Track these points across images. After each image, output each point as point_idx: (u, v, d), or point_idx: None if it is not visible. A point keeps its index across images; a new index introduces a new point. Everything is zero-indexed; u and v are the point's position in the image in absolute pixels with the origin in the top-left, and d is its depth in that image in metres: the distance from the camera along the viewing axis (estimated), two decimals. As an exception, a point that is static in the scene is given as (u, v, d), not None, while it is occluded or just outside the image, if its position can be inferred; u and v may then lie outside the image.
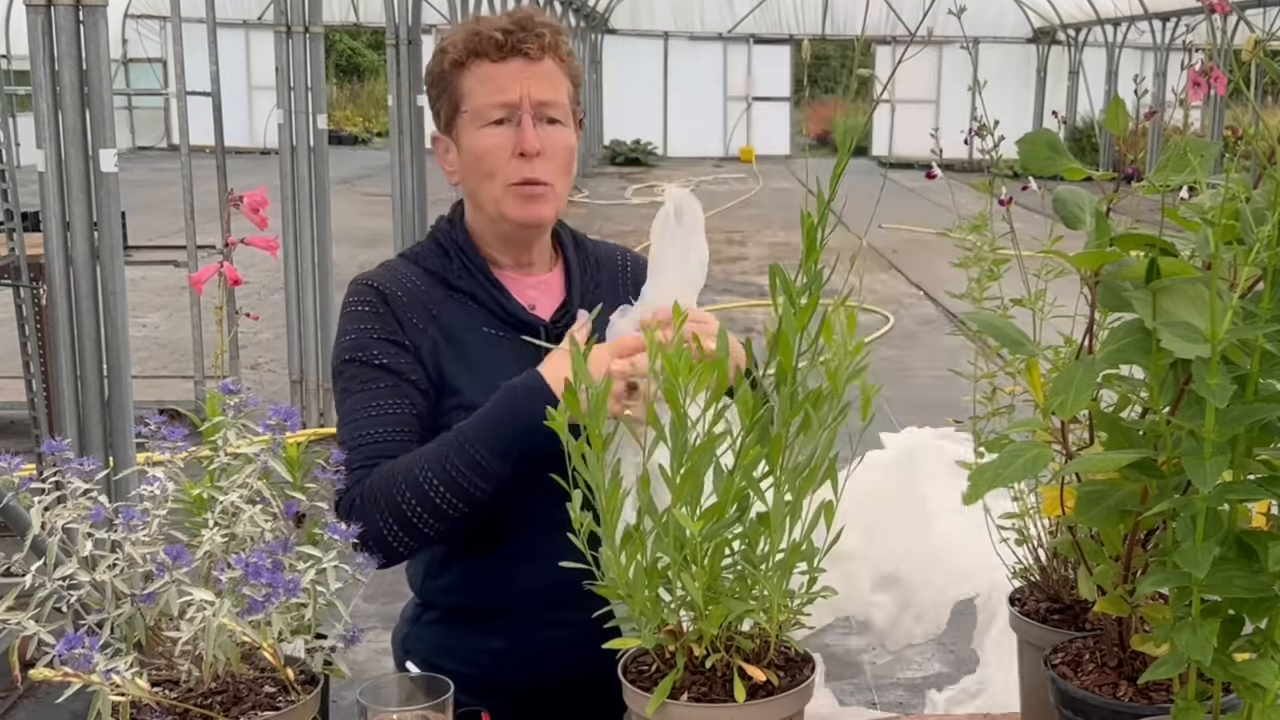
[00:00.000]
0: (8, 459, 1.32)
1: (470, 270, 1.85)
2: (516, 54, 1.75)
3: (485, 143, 1.77)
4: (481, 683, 1.81)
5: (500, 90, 1.75)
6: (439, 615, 1.90)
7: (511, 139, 1.76)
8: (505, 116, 1.76)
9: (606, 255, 2.02)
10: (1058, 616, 1.54)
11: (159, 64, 21.13)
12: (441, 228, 1.91)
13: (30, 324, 4.17)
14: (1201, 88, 1.09)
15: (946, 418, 1.94)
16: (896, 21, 22.70)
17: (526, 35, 1.75)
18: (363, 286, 1.84)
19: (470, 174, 1.82)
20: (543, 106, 1.77)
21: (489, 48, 1.75)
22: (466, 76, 1.77)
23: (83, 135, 3.63)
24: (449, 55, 1.79)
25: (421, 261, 1.87)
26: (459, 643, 1.85)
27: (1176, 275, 1.18)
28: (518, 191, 1.79)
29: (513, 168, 1.78)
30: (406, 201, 8.60)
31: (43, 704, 3.81)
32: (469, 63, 1.77)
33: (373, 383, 1.76)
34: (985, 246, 1.72)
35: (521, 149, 1.76)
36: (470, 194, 1.85)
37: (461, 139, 1.80)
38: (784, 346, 1.28)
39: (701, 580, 1.29)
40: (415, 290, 1.83)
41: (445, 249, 1.87)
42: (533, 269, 1.90)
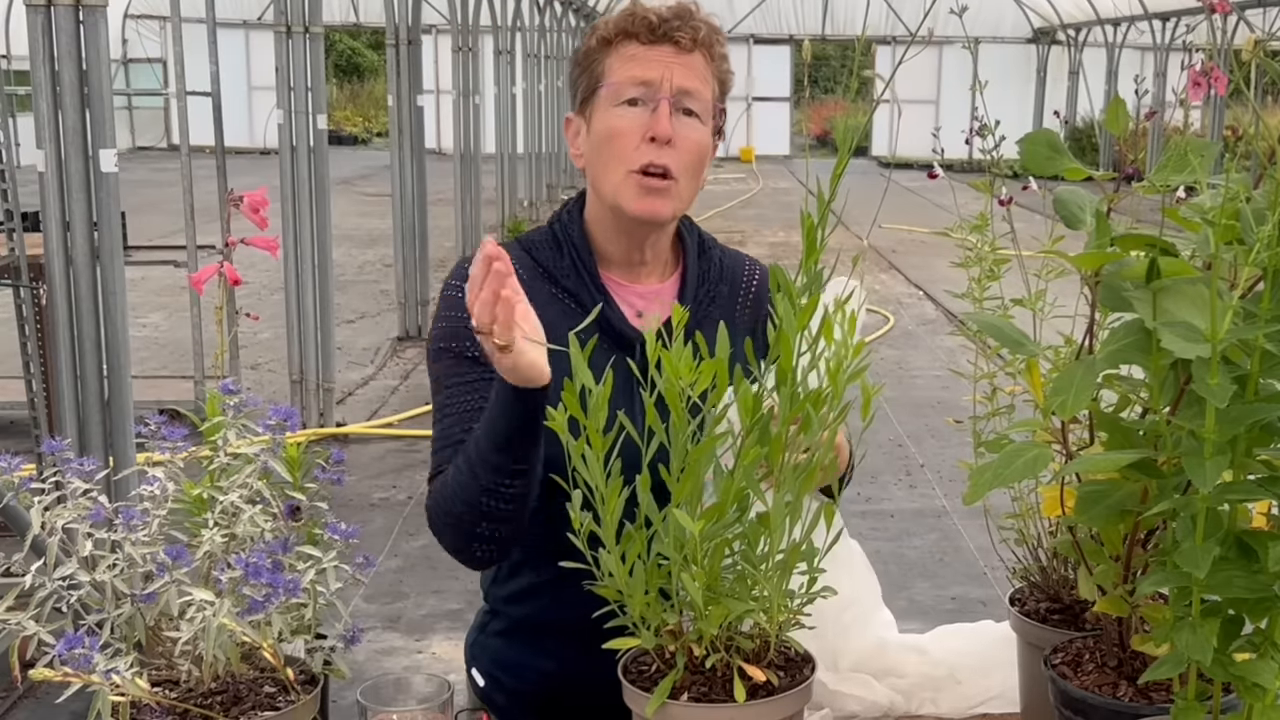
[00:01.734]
0: (8, 459, 1.32)
1: (579, 270, 1.78)
2: (667, 40, 1.69)
3: (617, 122, 1.69)
4: (537, 702, 1.82)
5: (643, 69, 1.69)
6: (503, 626, 1.86)
7: (644, 121, 1.68)
8: (642, 97, 1.69)
9: (732, 265, 1.91)
10: (1058, 616, 1.55)
11: (159, 64, 21.15)
12: (561, 217, 1.83)
13: (30, 324, 4.17)
14: (1201, 88, 1.09)
15: (946, 418, 1.94)
16: (896, 21, 22.70)
17: (682, 24, 1.69)
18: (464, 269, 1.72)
19: (596, 156, 1.73)
20: (683, 94, 1.69)
21: (641, 28, 1.69)
22: (612, 55, 1.71)
23: (83, 135, 3.63)
24: (599, 32, 1.73)
25: (534, 252, 1.80)
26: (517, 658, 1.83)
27: (1177, 275, 1.18)
28: (639, 182, 1.70)
29: (640, 152, 1.69)
30: (406, 201, 8.61)
31: (43, 704, 3.81)
32: (617, 41, 1.71)
33: (464, 375, 1.71)
34: (985, 246, 1.72)
35: (653, 132, 1.67)
36: (593, 180, 1.77)
37: (594, 117, 1.73)
38: (784, 346, 1.28)
39: (701, 580, 1.29)
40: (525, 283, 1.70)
41: (559, 241, 1.80)
42: (645, 272, 1.82)
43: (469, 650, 1.92)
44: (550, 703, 1.81)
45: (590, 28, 1.79)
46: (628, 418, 1.34)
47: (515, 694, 1.84)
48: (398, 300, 9.15)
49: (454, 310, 1.73)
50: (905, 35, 22.19)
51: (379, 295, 10.63)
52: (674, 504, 1.28)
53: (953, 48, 21.36)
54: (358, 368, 8.28)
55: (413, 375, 8.14)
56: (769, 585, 1.32)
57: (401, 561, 5.13)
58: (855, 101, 20.50)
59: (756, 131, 24.96)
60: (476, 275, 1.40)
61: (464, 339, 1.70)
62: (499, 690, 1.85)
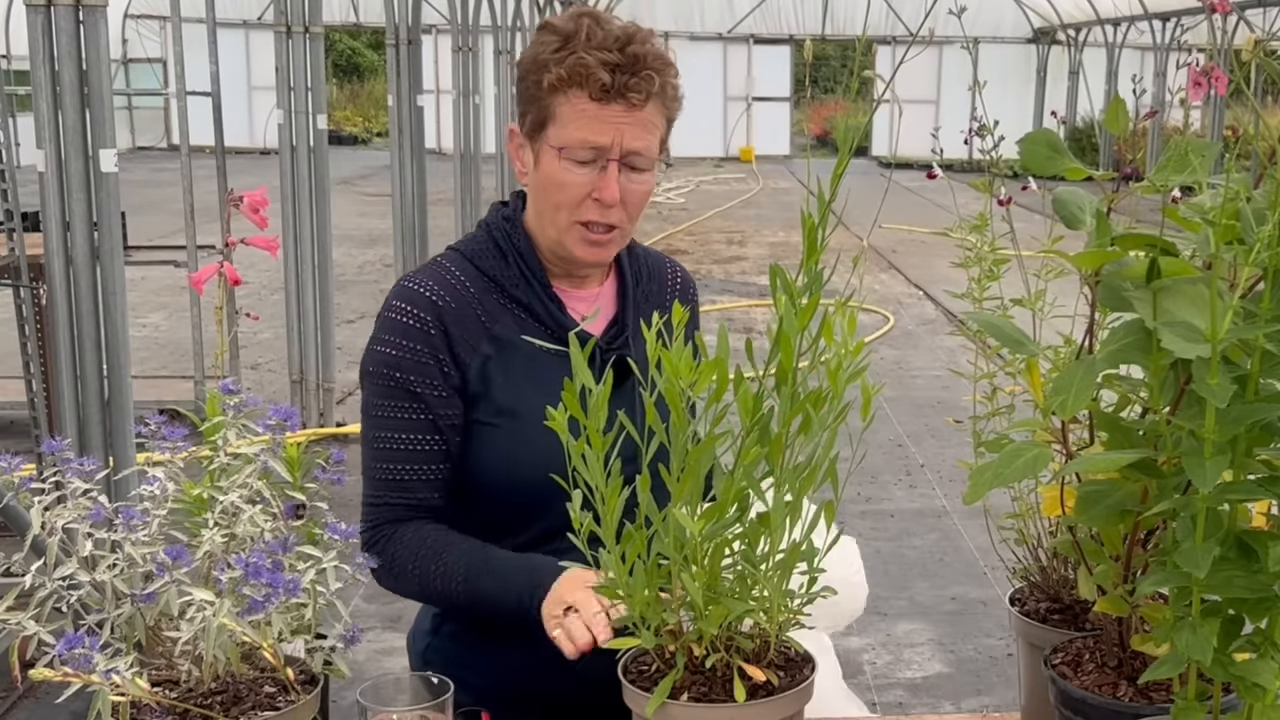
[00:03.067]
0: (8, 459, 1.32)
1: (529, 281, 1.78)
2: (620, 99, 1.67)
3: (565, 178, 1.71)
4: (505, 696, 1.80)
5: (594, 133, 1.68)
6: (459, 628, 1.86)
7: (592, 182, 1.70)
8: (592, 159, 1.70)
9: (656, 265, 1.96)
10: (1058, 616, 1.55)
11: (159, 64, 21.15)
12: (498, 225, 1.82)
13: (30, 324, 4.17)
14: (1201, 88, 1.09)
15: (946, 418, 1.94)
16: (896, 21, 22.71)
17: (634, 80, 1.66)
18: (414, 293, 1.75)
19: (543, 195, 1.75)
20: (632, 155, 1.70)
21: (593, 86, 1.66)
22: (562, 102, 1.69)
23: (83, 135, 3.63)
24: (549, 73, 1.68)
25: (476, 261, 1.79)
26: (482, 656, 1.83)
27: (1177, 275, 1.18)
28: (585, 234, 1.74)
29: (585, 208, 1.72)
30: (406, 201, 8.60)
31: (43, 704, 3.81)
32: (568, 91, 1.68)
33: (403, 411, 1.73)
34: (985, 246, 1.72)
35: (600, 197, 1.70)
36: (537, 211, 1.78)
37: (541, 159, 1.73)
38: (784, 346, 1.28)
39: (701, 580, 1.29)
40: (468, 297, 1.76)
41: (503, 251, 1.79)
42: (587, 283, 1.85)
43: (420, 657, 1.90)
44: (522, 692, 1.80)
45: (539, 50, 1.71)
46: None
47: (482, 691, 1.82)
48: (398, 300, 9.13)
49: (399, 337, 1.73)
50: (905, 35, 22.19)
51: (379, 295, 10.57)
52: (674, 504, 1.28)
53: (953, 48, 21.36)
54: (357, 368, 8.28)
55: (413, 375, 8.12)
56: (769, 585, 1.32)
57: (401, 561, 5.12)
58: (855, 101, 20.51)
59: (756, 131, 24.97)
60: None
61: (409, 371, 1.73)
62: (466, 691, 1.83)
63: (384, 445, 1.74)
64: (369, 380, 1.77)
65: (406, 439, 1.74)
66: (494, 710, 1.82)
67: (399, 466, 1.74)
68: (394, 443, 1.74)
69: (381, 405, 1.75)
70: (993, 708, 2.36)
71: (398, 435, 1.74)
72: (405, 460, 1.74)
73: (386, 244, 10.55)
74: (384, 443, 1.74)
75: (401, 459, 1.74)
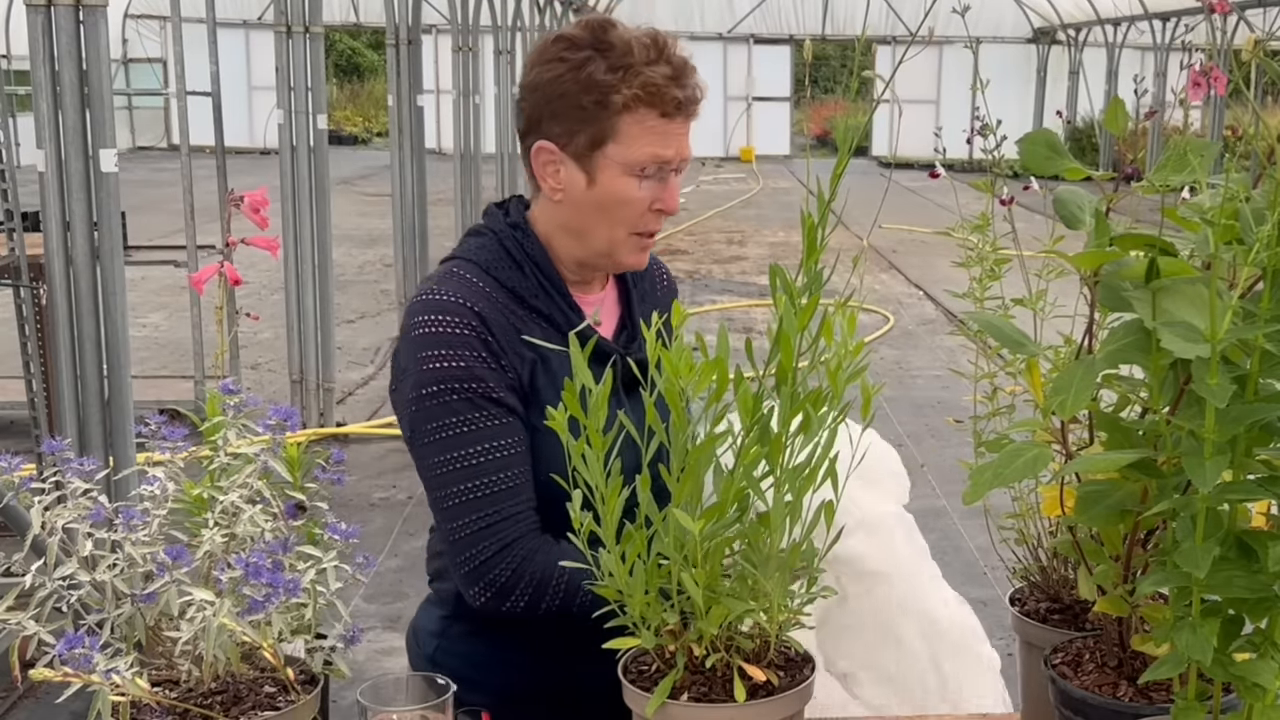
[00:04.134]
0: (8, 459, 1.32)
1: (548, 291, 1.78)
2: (682, 113, 1.72)
3: (632, 193, 1.72)
4: (516, 695, 1.80)
5: (662, 147, 1.71)
6: (471, 628, 1.84)
7: (654, 193, 1.74)
8: (657, 172, 1.73)
9: (648, 263, 1.96)
10: (1058, 616, 1.55)
11: (159, 64, 21.15)
12: (506, 234, 1.80)
13: (30, 324, 4.17)
14: (1201, 88, 1.09)
15: (946, 417, 1.94)
16: (896, 21, 22.71)
17: (693, 93, 1.72)
18: (448, 304, 1.71)
19: (598, 212, 1.75)
20: (685, 162, 1.76)
21: (667, 105, 1.70)
22: (630, 121, 1.69)
23: (83, 135, 3.63)
24: (617, 94, 1.68)
25: (493, 271, 1.77)
26: (492, 655, 1.82)
27: (1176, 275, 1.18)
28: (639, 242, 1.78)
29: (645, 219, 1.76)
30: (406, 201, 8.61)
31: (43, 704, 3.81)
32: (637, 110, 1.69)
33: (493, 419, 1.67)
34: (987, 246, 1.72)
35: (663, 206, 1.75)
36: (580, 227, 1.77)
37: (600, 176, 1.72)
38: (784, 346, 1.28)
39: (701, 580, 1.29)
40: (499, 306, 1.74)
41: (518, 262, 1.78)
42: (592, 286, 1.86)
43: (428, 660, 1.88)
44: (533, 691, 1.80)
45: (587, 67, 1.69)
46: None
47: (493, 690, 1.82)
48: (398, 300, 9.14)
49: (455, 348, 1.68)
50: (905, 35, 22.19)
51: (379, 295, 10.63)
52: (674, 504, 1.28)
53: (953, 48, 21.37)
54: (358, 368, 8.28)
55: (413, 375, 8.12)
56: (769, 585, 1.32)
57: (401, 561, 5.13)
58: (855, 101, 20.50)
59: (756, 131, 24.96)
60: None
61: (486, 380, 1.68)
62: (476, 691, 1.83)
63: (471, 461, 1.66)
64: (428, 401, 1.68)
65: (501, 445, 1.68)
66: (505, 709, 1.82)
67: (503, 475, 1.67)
68: (489, 453, 1.67)
69: (455, 421, 1.67)
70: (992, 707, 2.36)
71: (486, 445, 1.67)
72: (504, 468, 1.67)
73: (386, 244, 10.55)
74: (472, 458, 1.66)
75: (498, 467, 1.67)
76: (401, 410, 1.73)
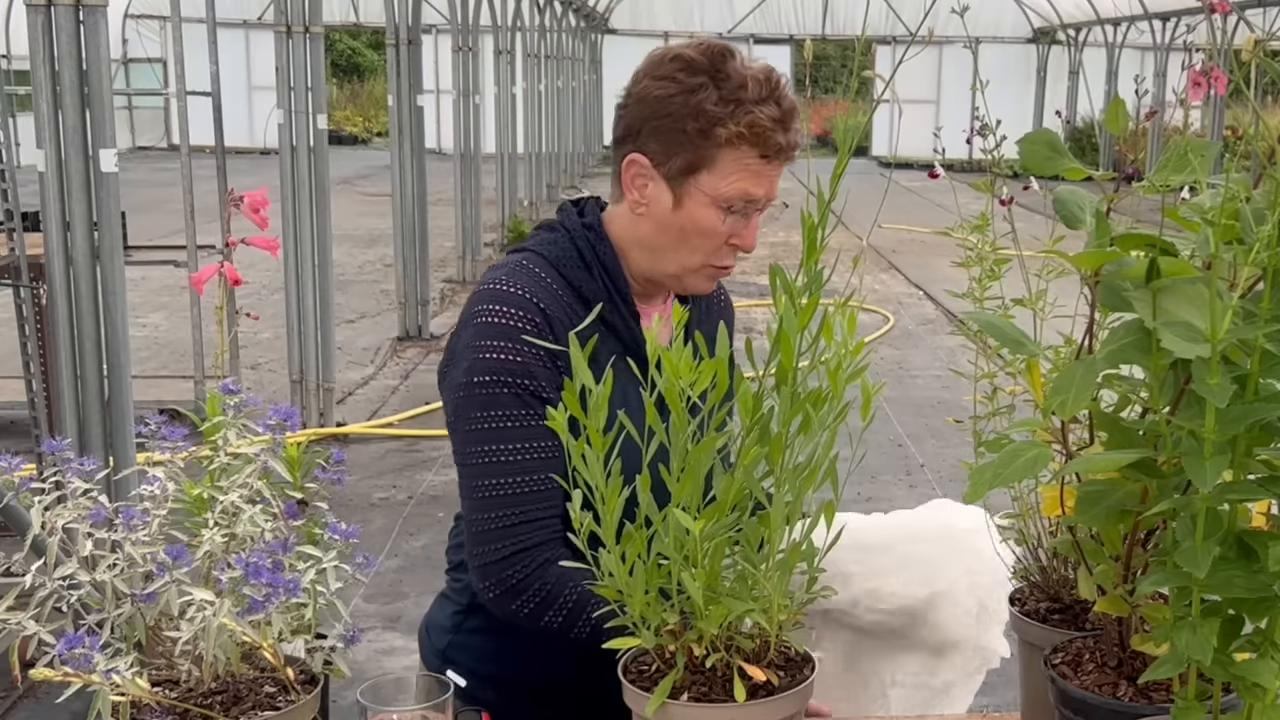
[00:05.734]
0: (8, 459, 1.32)
1: (611, 298, 1.77)
2: (783, 159, 1.72)
3: (714, 225, 1.72)
4: (530, 689, 1.81)
5: (755, 186, 1.71)
6: (485, 623, 1.83)
7: (734, 228, 1.73)
8: (743, 209, 1.72)
9: None
10: (1058, 616, 1.54)
11: (159, 64, 21.13)
12: (580, 233, 1.78)
13: (30, 324, 4.17)
14: (1201, 88, 1.09)
15: (946, 417, 1.94)
16: (896, 21, 22.71)
17: (794, 138, 1.71)
18: (512, 295, 1.70)
19: (678, 237, 1.74)
20: (770, 203, 1.76)
21: (768, 148, 1.69)
22: (730, 156, 1.69)
23: (83, 135, 3.63)
24: (723, 129, 1.67)
25: (562, 269, 1.76)
26: (506, 650, 1.82)
27: (1176, 275, 1.18)
28: (711, 273, 1.77)
29: (722, 254, 1.75)
30: (406, 201, 8.61)
31: (43, 704, 3.81)
32: (739, 145, 1.68)
33: (538, 418, 1.64)
34: (986, 246, 1.72)
35: (741, 244, 1.74)
36: (657, 247, 1.77)
37: (687, 201, 1.72)
38: (784, 346, 1.28)
39: (701, 580, 1.29)
40: (566, 306, 1.74)
41: (587, 263, 1.77)
42: (655, 298, 1.85)
43: (440, 655, 1.89)
44: (546, 684, 1.80)
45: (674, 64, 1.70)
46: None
47: (510, 686, 1.83)
48: (398, 300, 9.15)
49: (512, 341, 1.67)
50: (905, 35, 22.19)
51: (379, 295, 10.64)
52: (674, 504, 1.28)
53: (953, 48, 21.36)
54: (358, 368, 8.28)
55: (413, 375, 8.14)
56: (769, 585, 1.32)
57: (401, 561, 5.13)
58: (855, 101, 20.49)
59: (756, 131, 24.92)
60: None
61: (539, 379, 1.67)
62: (488, 687, 1.83)
63: (513, 458, 1.66)
64: (478, 390, 1.67)
65: (537, 446, 1.66)
66: (516, 704, 1.82)
67: (537, 478, 1.66)
68: (528, 453, 1.66)
69: (500, 415, 1.66)
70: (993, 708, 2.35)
71: (527, 444, 1.66)
72: (539, 469, 1.66)
73: (386, 244, 10.56)
74: (514, 454, 1.66)
75: (538, 468, 1.66)
76: (449, 394, 1.72)
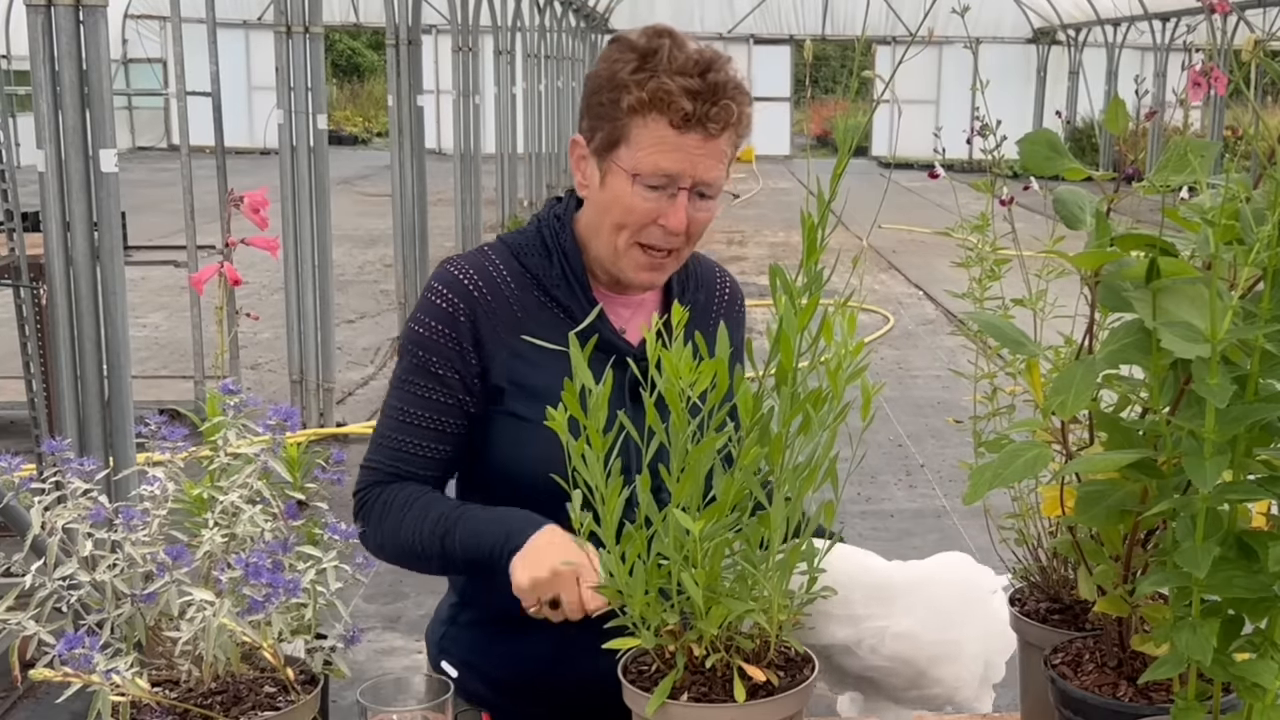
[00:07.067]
0: (8, 459, 1.32)
1: (569, 283, 1.77)
2: (699, 128, 1.66)
3: (633, 202, 1.70)
4: (521, 686, 1.81)
5: (669, 161, 1.67)
6: (478, 616, 1.86)
7: (659, 208, 1.70)
8: (663, 185, 1.69)
9: (706, 273, 1.94)
10: (1058, 616, 1.54)
11: (159, 64, 21.13)
12: (548, 222, 1.81)
13: (30, 324, 4.17)
14: (1201, 88, 1.09)
15: (946, 417, 1.94)
16: (896, 21, 22.71)
17: (714, 110, 1.65)
18: (452, 277, 1.78)
19: (604, 214, 1.74)
20: (701, 185, 1.70)
21: (674, 114, 1.65)
22: (640, 126, 1.67)
23: (83, 135, 3.63)
24: (629, 95, 1.66)
25: (521, 256, 1.79)
26: (501, 646, 1.82)
27: (1176, 275, 1.18)
28: (643, 256, 1.74)
29: (649, 232, 1.72)
30: (406, 201, 8.60)
31: (43, 704, 3.81)
32: (647, 115, 1.66)
33: (423, 389, 1.76)
34: (986, 246, 1.72)
35: (667, 225, 1.70)
36: (594, 225, 1.77)
37: (608, 178, 1.72)
38: (784, 346, 1.28)
39: (701, 580, 1.29)
40: (506, 291, 1.77)
41: (549, 249, 1.79)
42: (632, 289, 1.82)
43: (436, 645, 1.92)
44: (538, 682, 1.80)
45: (613, 66, 1.69)
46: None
47: (498, 681, 1.83)
48: (398, 300, 9.14)
49: (431, 319, 1.77)
50: (905, 35, 22.19)
51: (379, 295, 10.64)
52: (674, 504, 1.28)
53: (953, 48, 21.37)
54: (358, 368, 8.28)
55: (413, 375, 8.12)
56: (769, 585, 1.32)
57: (401, 561, 5.12)
58: (855, 101, 20.49)
59: (756, 131, 24.45)
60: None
61: (432, 352, 1.76)
62: (478, 679, 1.84)
63: (396, 417, 1.79)
64: (402, 353, 1.82)
65: (415, 414, 1.77)
66: (507, 698, 1.83)
67: (402, 439, 1.78)
68: (405, 416, 1.78)
69: (405, 380, 1.79)
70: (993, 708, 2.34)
71: (409, 410, 1.78)
72: (409, 434, 1.77)
73: (386, 244, 10.55)
74: (397, 414, 1.79)
75: (407, 432, 1.77)
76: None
